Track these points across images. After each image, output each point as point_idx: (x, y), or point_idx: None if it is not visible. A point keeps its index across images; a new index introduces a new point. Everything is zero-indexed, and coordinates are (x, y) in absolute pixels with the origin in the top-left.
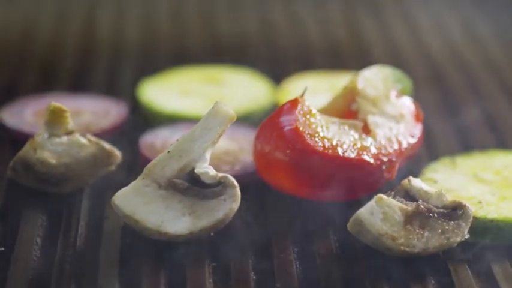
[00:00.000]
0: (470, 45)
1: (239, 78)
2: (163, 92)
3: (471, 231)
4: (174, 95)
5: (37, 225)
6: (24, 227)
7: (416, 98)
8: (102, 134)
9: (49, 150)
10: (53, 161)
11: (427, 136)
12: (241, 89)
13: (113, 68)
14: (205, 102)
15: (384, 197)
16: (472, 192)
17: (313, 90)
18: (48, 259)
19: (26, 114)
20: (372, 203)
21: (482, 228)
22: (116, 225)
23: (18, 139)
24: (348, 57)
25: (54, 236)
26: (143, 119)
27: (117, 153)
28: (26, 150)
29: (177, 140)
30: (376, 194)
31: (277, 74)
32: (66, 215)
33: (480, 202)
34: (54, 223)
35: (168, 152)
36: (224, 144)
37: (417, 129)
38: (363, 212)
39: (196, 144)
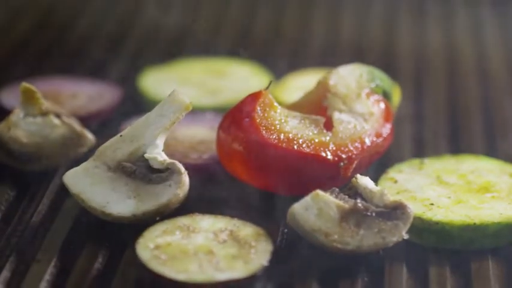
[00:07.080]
0: None
1: (242, 71)
2: (162, 80)
3: (417, 232)
4: (172, 84)
5: (3, 200)
6: None
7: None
8: (91, 118)
9: (22, 129)
10: (24, 139)
11: (421, 136)
12: (240, 82)
13: (140, 57)
14: (201, 93)
15: (321, 193)
16: (427, 194)
17: None
18: (0, 233)
19: None
20: (307, 198)
21: (428, 230)
22: (75, 204)
23: None
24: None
25: (14, 211)
26: (142, 106)
27: (89, 135)
28: (0, 128)
29: (131, 125)
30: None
31: None
32: (33, 192)
33: (432, 204)
34: (18, 199)
35: (121, 135)
36: (203, 133)
37: (385, 129)
38: (297, 206)
39: (148, 130)
